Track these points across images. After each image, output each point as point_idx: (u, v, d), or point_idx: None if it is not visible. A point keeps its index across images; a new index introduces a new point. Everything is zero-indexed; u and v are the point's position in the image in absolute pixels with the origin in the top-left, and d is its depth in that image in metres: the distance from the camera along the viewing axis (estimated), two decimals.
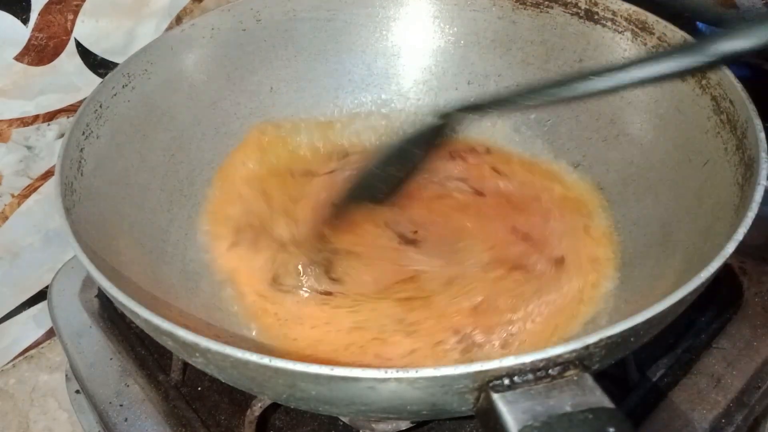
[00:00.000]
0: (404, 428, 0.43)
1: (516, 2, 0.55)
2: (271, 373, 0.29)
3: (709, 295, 0.48)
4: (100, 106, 0.45)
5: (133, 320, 0.47)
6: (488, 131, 0.57)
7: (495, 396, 0.28)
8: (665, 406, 0.44)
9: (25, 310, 0.64)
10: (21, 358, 0.67)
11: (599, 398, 0.27)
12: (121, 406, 0.47)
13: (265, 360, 0.28)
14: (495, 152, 0.56)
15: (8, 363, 0.66)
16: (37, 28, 0.53)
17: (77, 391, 0.53)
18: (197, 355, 0.31)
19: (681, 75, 0.47)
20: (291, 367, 0.28)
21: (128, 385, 0.49)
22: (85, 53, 0.57)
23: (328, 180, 0.53)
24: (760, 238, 0.52)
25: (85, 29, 0.56)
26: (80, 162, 0.42)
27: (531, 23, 0.55)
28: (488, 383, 0.28)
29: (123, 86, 0.47)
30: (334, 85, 0.59)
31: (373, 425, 0.43)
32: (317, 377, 0.28)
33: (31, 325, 0.66)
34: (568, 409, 0.27)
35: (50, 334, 0.67)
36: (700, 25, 0.70)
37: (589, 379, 0.28)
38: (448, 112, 0.42)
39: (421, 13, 0.58)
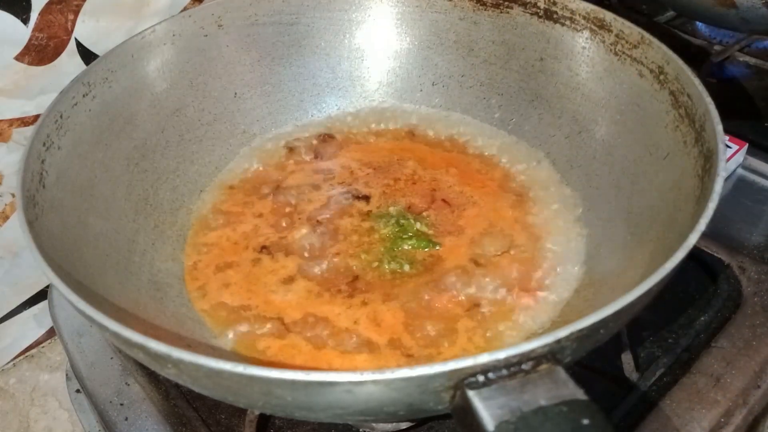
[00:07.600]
0: (404, 427, 0.43)
1: (476, 3, 0.56)
2: (246, 381, 0.28)
3: (708, 294, 0.49)
4: (61, 117, 0.44)
5: (101, 334, 0.46)
6: (454, 127, 0.57)
7: (470, 393, 0.28)
8: (665, 405, 0.43)
9: (25, 309, 0.64)
10: (21, 357, 0.67)
11: (572, 391, 0.28)
12: (121, 405, 0.47)
13: (240, 368, 0.28)
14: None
15: (9, 362, 0.66)
16: (38, 28, 0.53)
17: (78, 391, 0.53)
18: (169, 366, 0.31)
19: (639, 71, 0.48)
20: (267, 375, 0.28)
21: (129, 384, 0.48)
22: (85, 53, 0.57)
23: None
24: (759, 238, 0.52)
25: (86, 29, 0.56)
26: (42, 174, 0.41)
27: (492, 24, 0.56)
28: (463, 380, 0.28)
29: (83, 95, 0.46)
30: (298, 88, 0.59)
31: (373, 424, 0.43)
32: (293, 383, 0.28)
33: (31, 325, 0.66)
34: (543, 403, 0.27)
35: (51, 333, 0.67)
36: (699, 25, 0.72)
37: (561, 372, 0.29)
38: None
39: (384, 16, 0.58)
